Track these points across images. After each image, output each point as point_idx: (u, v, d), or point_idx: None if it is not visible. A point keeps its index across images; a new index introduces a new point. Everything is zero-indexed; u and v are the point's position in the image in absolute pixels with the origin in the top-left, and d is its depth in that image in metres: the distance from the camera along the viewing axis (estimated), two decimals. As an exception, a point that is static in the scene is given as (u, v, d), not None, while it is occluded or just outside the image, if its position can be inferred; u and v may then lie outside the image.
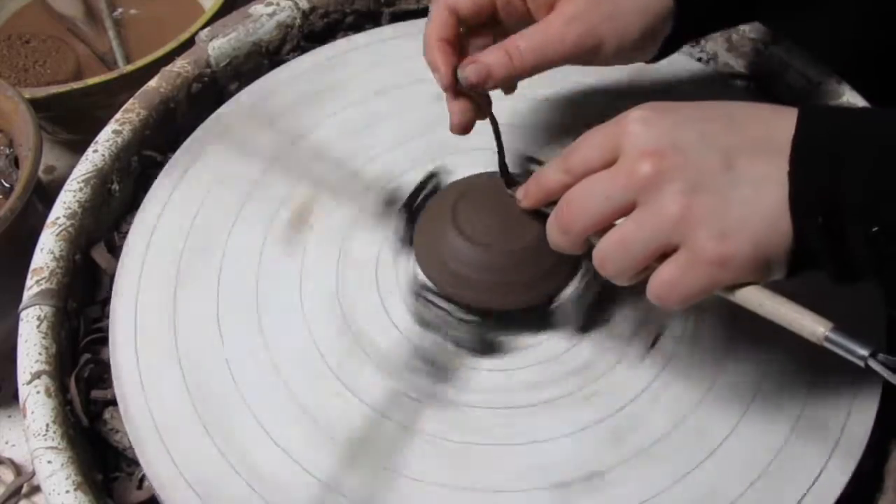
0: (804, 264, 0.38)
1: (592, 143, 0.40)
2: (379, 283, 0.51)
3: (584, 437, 0.45)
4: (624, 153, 0.39)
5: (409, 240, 0.52)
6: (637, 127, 0.39)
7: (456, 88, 0.47)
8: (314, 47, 0.64)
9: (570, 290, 0.49)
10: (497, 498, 0.44)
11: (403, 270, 0.51)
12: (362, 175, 0.56)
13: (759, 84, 0.62)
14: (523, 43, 0.45)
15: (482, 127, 0.49)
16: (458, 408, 0.46)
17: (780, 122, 0.38)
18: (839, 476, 0.44)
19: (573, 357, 0.48)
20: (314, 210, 0.54)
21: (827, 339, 0.37)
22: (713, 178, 0.37)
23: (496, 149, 0.49)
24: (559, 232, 0.41)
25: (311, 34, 0.66)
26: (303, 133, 0.58)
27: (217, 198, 0.55)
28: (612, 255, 0.39)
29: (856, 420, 0.46)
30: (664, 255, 0.38)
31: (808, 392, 0.47)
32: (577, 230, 0.40)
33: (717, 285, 0.38)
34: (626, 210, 0.39)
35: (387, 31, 0.65)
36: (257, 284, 0.51)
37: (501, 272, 0.47)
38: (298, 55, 0.64)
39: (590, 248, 0.41)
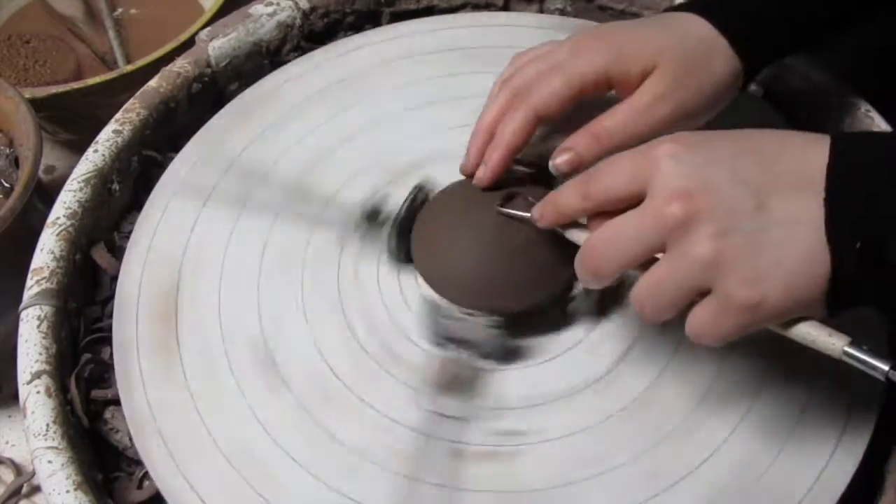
0: (844, 301, 0.37)
1: (617, 172, 0.40)
2: (385, 301, 0.50)
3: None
4: (653, 191, 0.38)
5: (404, 256, 0.51)
6: (667, 163, 0.38)
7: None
8: (314, 48, 0.64)
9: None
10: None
11: (407, 287, 0.51)
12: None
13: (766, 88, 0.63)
14: (610, 122, 0.46)
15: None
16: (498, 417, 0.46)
17: (812, 153, 0.38)
18: (840, 476, 0.44)
19: (593, 349, 0.48)
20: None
21: (845, 353, 0.37)
22: (744, 220, 0.36)
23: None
24: (589, 275, 0.41)
25: (311, 34, 0.66)
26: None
27: (222, 191, 0.56)
28: (648, 299, 0.39)
29: (857, 420, 0.46)
30: (700, 293, 0.38)
31: (809, 393, 0.47)
32: (607, 273, 0.40)
33: (750, 328, 0.38)
34: (656, 250, 0.38)
35: (500, 16, 0.67)
36: (259, 277, 0.52)
37: (509, 272, 0.47)
38: (299, 55, 0.64)
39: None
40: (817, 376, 0.47)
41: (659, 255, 0.39)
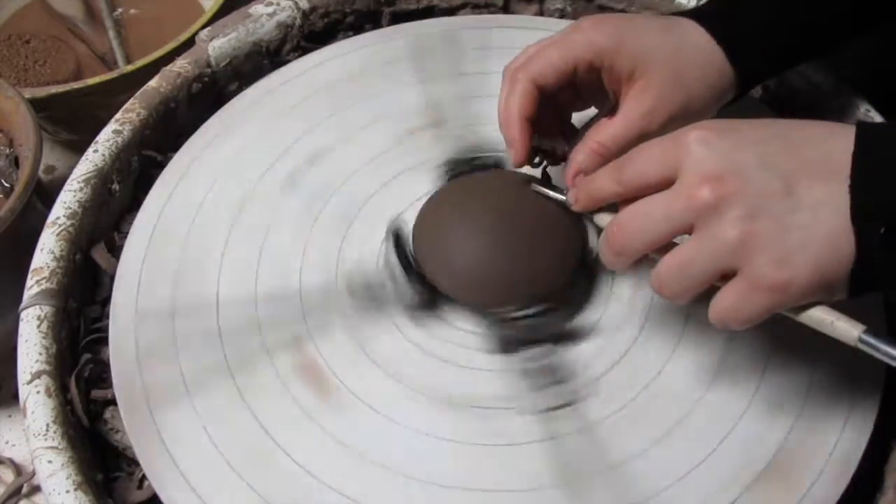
0: (866, 284, 0.38)
1: (650, 158, 0.40)
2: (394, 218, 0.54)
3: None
4: (683, 175, 0.39)
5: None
6: (697, 148, 0.38)
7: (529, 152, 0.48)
8: (314, 48, 0.64)
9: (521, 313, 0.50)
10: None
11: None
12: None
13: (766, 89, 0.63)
14: (606, 138, 0.46)
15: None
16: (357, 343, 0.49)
17: (836, 142, 0.38)
18: (839, 476, 0.44)
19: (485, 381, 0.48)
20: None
21: (861, 340, 0.38)
22: (772, 203, 0.37)
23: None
24: (612, 253, 0.41)
25: (311, 34, 0.66)
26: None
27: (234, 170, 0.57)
28: (671, 279, 0.39)
29: (856, 420, 0.46)
30: (724, 276, 0.38)
31: (808, 392, 0.47)
32: (632, 251, 0.40)
33: (777, 309, 0.38)
34: (683, 231, 0.39)
35: (500, 17, 0.67)
36: (258, 269, 0.52)
37: (467, 263, 0.48)
38: (299, 55, 0.64)
39: (641, 263, 0.41)
40: (816, 376, 0.47)
41: (677, 241, 0.39)
